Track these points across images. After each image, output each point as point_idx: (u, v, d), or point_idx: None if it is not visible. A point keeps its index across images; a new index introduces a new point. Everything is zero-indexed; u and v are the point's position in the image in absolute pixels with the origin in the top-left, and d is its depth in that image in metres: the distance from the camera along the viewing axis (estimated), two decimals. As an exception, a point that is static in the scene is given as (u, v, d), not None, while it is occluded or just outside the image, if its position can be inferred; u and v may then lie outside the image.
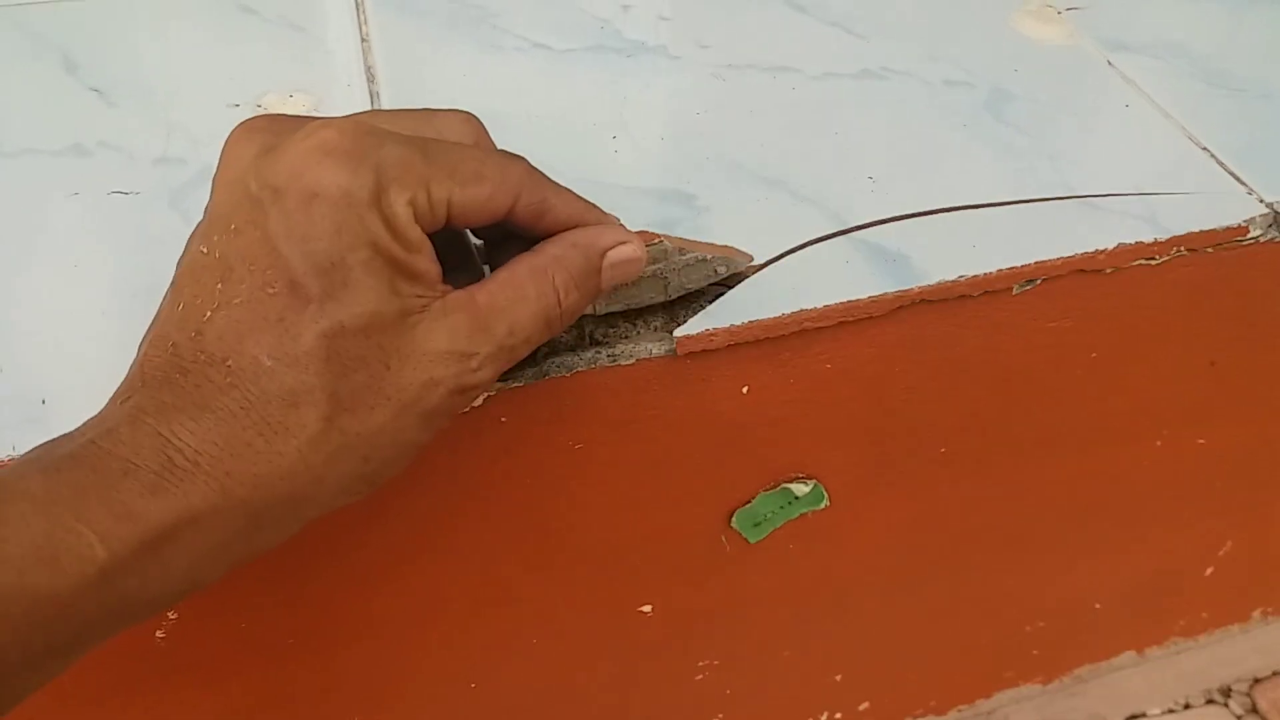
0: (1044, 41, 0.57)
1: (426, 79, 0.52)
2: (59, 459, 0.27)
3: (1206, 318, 0.51)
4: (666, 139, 0.49)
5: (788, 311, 0.41)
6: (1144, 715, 0.86)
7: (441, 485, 0.42)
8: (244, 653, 0.45)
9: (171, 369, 0.29)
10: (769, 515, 0.50)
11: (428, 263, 0.30)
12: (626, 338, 0.41)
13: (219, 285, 0.29)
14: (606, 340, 0.40)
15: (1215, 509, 0.67)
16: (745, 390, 0.44)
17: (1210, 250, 0.46)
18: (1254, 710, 0.87)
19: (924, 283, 0.43)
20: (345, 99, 0.50)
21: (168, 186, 0.45)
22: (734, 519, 0.50)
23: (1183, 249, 0.46)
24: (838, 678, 0.67)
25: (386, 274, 0.29)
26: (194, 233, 0.32)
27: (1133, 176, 0.48)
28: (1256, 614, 0.82)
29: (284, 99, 0.50)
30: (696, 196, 0.46)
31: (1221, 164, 0.49)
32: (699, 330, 0.41)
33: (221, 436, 0.28)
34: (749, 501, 0.49)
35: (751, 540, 0.51)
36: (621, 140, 0.49)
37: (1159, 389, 0.54)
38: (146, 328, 0.32)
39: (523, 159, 0.34)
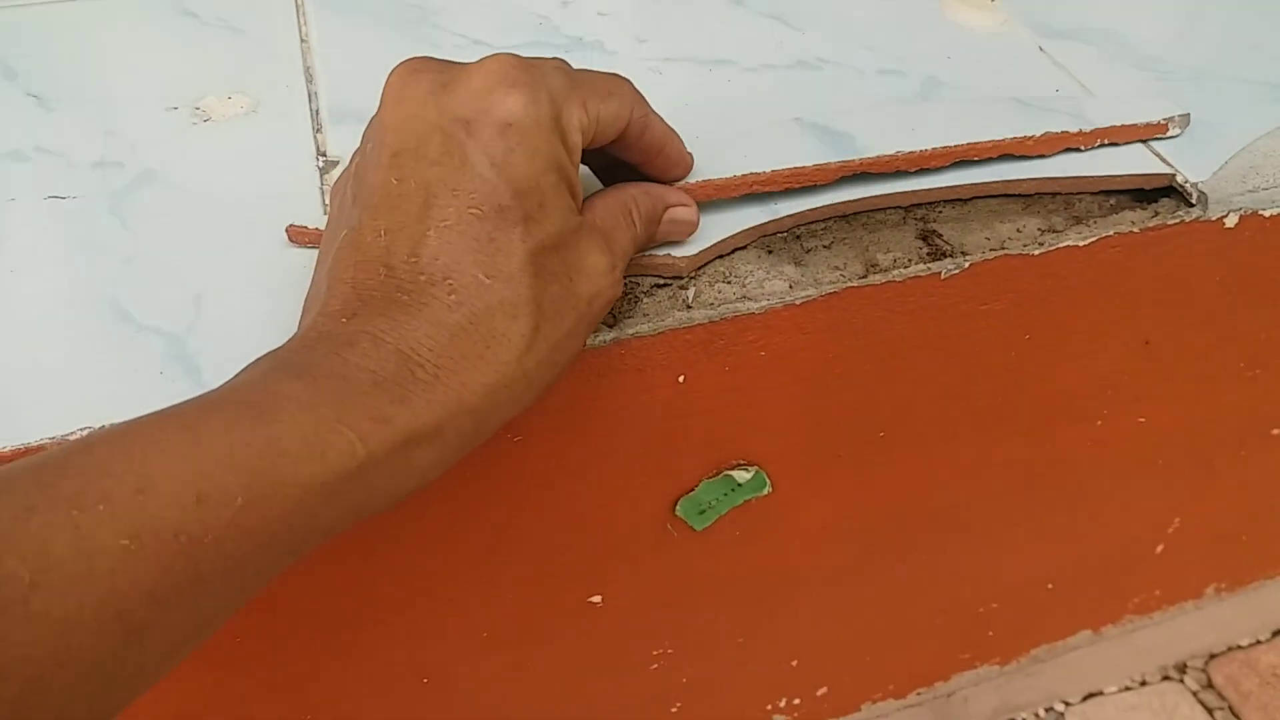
0: (976, 29, 0.58)
1: (365, 79, 0.52)
2: (311, 368, 0.30)
3: (1138, 299, 0.52)
4: (602, 133, 0.50)
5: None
6: (1101, 693, 0.87)
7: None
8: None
9: (392, 289, 0.31)
10: (713, 503, 0.51)
11: (578, 179, 0.35)
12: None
13: (425, 211, 0.32)
14: (540, 332, 0.41)
15: (1161, 487, 0.68)
16: (681, 379, 0.44)
17: (1135, 231, 0.47)
18: (1209, 686, 0.88)
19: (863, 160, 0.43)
20: (284, 100, 0.51)
21: (106, 190, 0.45)
22: (678, 507, 0.50)
23: (1106, 141, 0.49)
24: (794, 663, 0.67)
25: (566, 193, 0.34)
26: (364, 165, 0.34)
27: (1059, 160, 0.49)
28: (1210, 590, 0.84)
29: (222, 100, 0.50)
30: (631, 189, 0.46)
31: (1149, 147, 0.50)
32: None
33: (456, 350, 0.31)
34: (692, 489, 0.50)
35: (697, 528, 0.52)
36: (558, 135, 0.49)
37: (1096, 369, 0.55)
38: (322, 254, 0.35)
39: (628, 79, 0.38)
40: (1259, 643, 0.92)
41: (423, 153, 0.32)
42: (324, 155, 0.47)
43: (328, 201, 0.39)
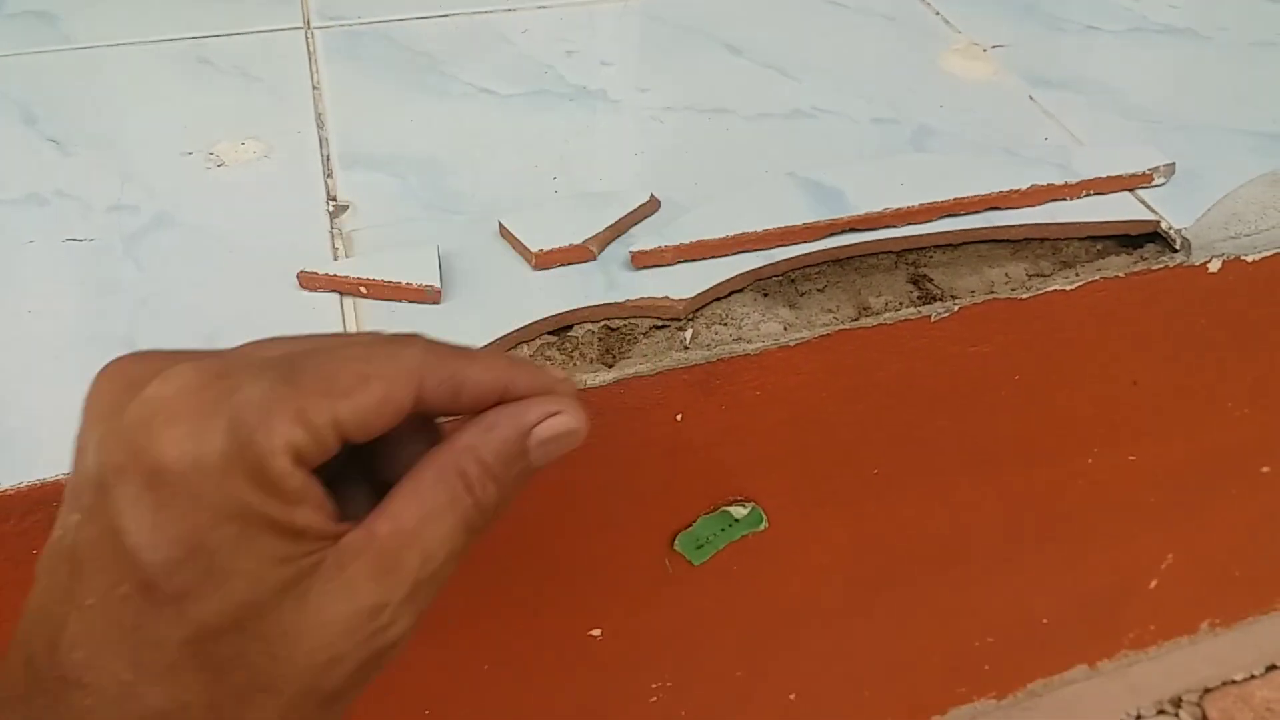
0: (969, 79, 0.60)
1: (375, 125, 0.54)
2: None
3: (1125, 341, 0.53)
4: (605, 179, 0.51)
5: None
6: (1097, 728, 0.88)
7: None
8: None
9: (31, 688, 0.25)
10: (710, 538, 0.52)
11: (313, 510, 0.25)
12: (563, 369, 0.42)
13: (72, 585, 0.24)
14: (542, 373, 0.42)
15: (1153, 524, 0.69)
16: (679, 417, 0.46)
17: (1121, 276, 0.49)
18: (1204, 719, 0.89)
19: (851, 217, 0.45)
20: (296, 145, 0.52)
21: (121, 233, 0.47)
22: (676, 542, 0.51)
23: (1091, 192, 0.50)
24: (791, 697, 0.68)
25: (260, 544, 0.24)
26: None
27: (1047, 208, 0.50)
28: (1204, 625, 0.85)
29: (236, 146, 0.52)
30: (631, 235, 0.48)
31: (1135, 194, 0.51)
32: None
33: None
34: (690, 525, 0.51)
35: (695, 562, 0.53)
36: (561, 181, 0.51)
37: (1085, 409, 0.56)
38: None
39: (418, 337, 0.28)
40: (1253, 677, 0.92)
41: (76, 504, 0.25)
42: (334, 200, 0.49)
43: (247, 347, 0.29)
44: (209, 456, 0.23)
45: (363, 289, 0.43)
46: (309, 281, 0.44)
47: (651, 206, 0.49)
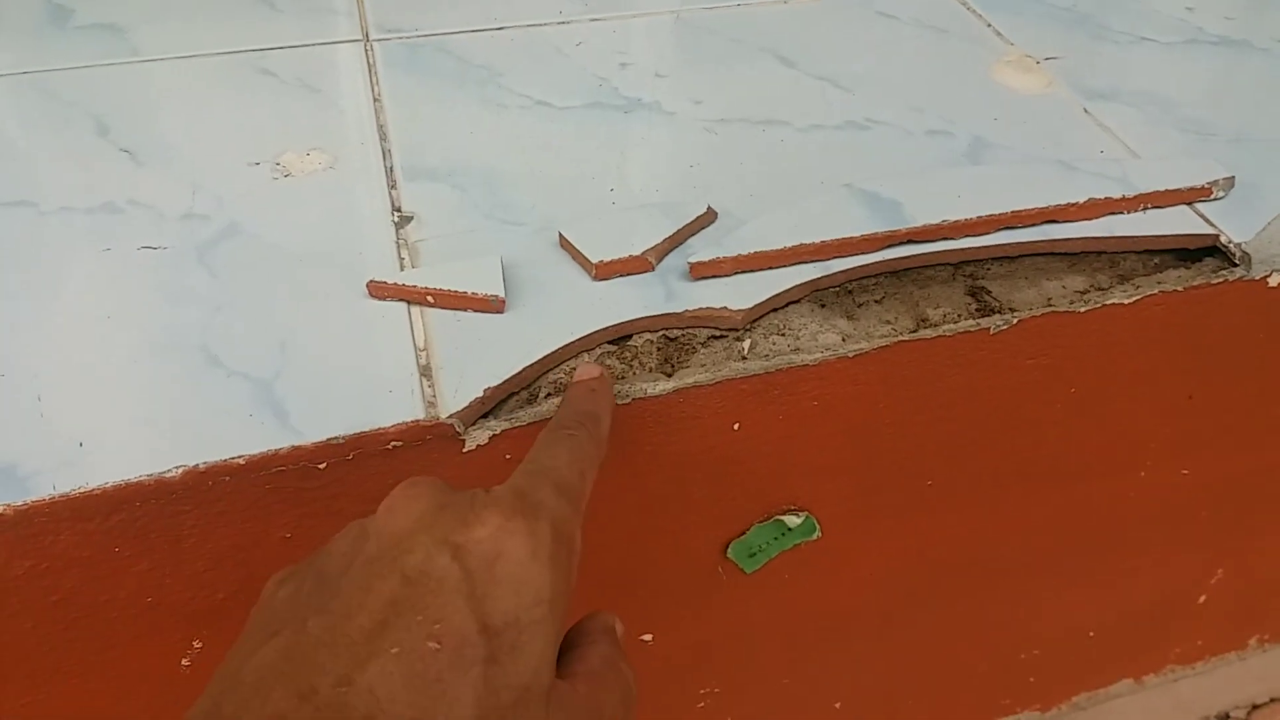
0: (1022, 90, 0.60)
1: (435, 137, 0.55)
2: None
3: (1181, 355, 0.53)
4: (661, 191, 0.52)
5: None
6: (1143, 743, 0.87)
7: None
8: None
9: (311, 716, 0.26)
10: (763, 546, 0.52)
11: (567, 608, 0.31)
12: (622, 378, 0.43)
13: (379, 631, 0.27)
14: (604, 382, 0.43)
15: (1204, 539, 0.69)
16: (736, 427, 0.46)
17: (1179, 290, 0.49)
18: (1252, 737, 0.88)
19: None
20: (359, 156, 0.53)
21: (194, 242, 0.48)
22: (729, 550, 0.52)
23: (1149, 206, 0.50)
24: (837, 705, 0.68)
25: (549, 637, 0.30)
26: (331, 561, 0.31)
27: (1105, 221, 0.50)
28: (1253, 641, 0.84)
29: (301, 156, 0.53)
30: (689, 246, 0.48)
31: (1193, 208, 0.51)
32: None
33: None
34: (743, 533, 0.51)
35: (747, 571, 0.53)
36: (619, 193, 0.52)
37: (1139, 423, 0.56)
38: (247, 638, 0.30)
39: (582, 429, 0.37)
40: (1303, 695, 0.91)
41: (399, 566, 0.29)
42: (399, 210, 0.50)
43: (267, 585, 0.33)
44: (541, 550, 0.30)
45: (430, 298, 0.44)
46: (378, 291, 0.45)
47: (709, 218, 0.50)
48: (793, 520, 0.52)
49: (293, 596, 0.31)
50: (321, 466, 0.39)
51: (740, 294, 0.46)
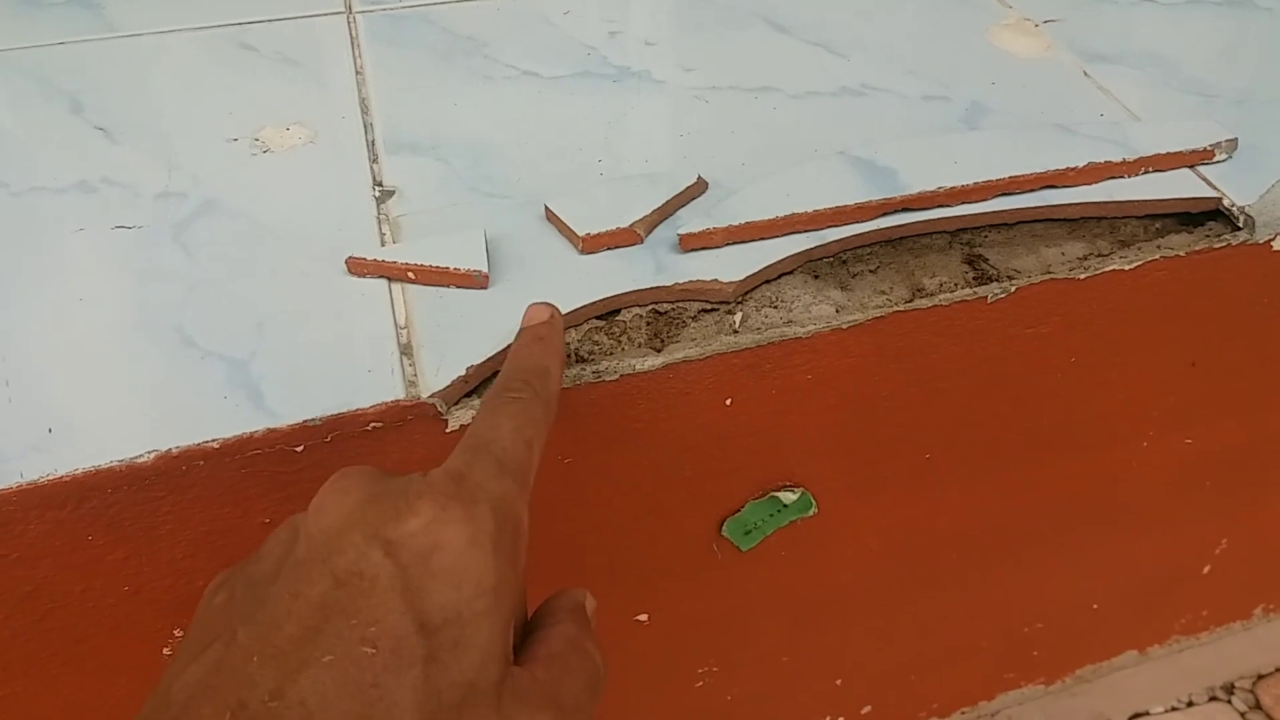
0: (1021, 54, 0.59)
1: (419, 110, 0.54)
2: None
3: (1183, 321, 0.52)
4: (650, 161, 0.51)
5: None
6: (1147, 713, 0.87)
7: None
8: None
9: None
10: (759, 523, 0.51)
11: (522, 583, 0.30)
12: (611, 354, 0.42)
13: (310, 639, 0.26)
14: (591, 357, 0.42)
15: (1208, 508, 0.68)
16: (729, 402, 0.45)
17: (1181, 255, 0.48)
18: (1257, 706, 0.87)
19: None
20: (341, 130, 0.52)
21: (169, 220, 0.47)
22: (724, 527, 0.51)
23: (1150, 169, 0.49)
24: (838, 682, 0.68)
25: (496, 626, 0.28)
26: (261, 568, 0.30)
27: (1104, 185, 0.49)
28: (1258, 611, 0.83)
29: (281, 131, 0.52)
30: (679, 217, 0.47)
31: (1195, 170, 0.50)
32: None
33: None
34: (738, 510, 0.51)
35: (743, 548, 0.52)
36: (607, 164, 0.50)
37: (1141, 391, 0.55)
38: (181, 653, 0.29)
39: (527, 387, 0.34)
40: (1309, 664, 0.91)
41: (330, 568, 0.28)
42: (380, 185, 0.49)
43: (205, 591, 0.32)
44: (482, 535, 0.28)
45: (411, 274, 0.43)
46: (357, 267, 0.43)
47: (699, 188, 0.48)
48: (788, 496, 0.51)
49: (225, 605, 0.30)
50: (299, 449, 0.38)
51: (731, 266, 0.45)
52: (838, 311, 0.44)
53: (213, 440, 0.37)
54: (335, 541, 0.28)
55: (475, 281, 0.43)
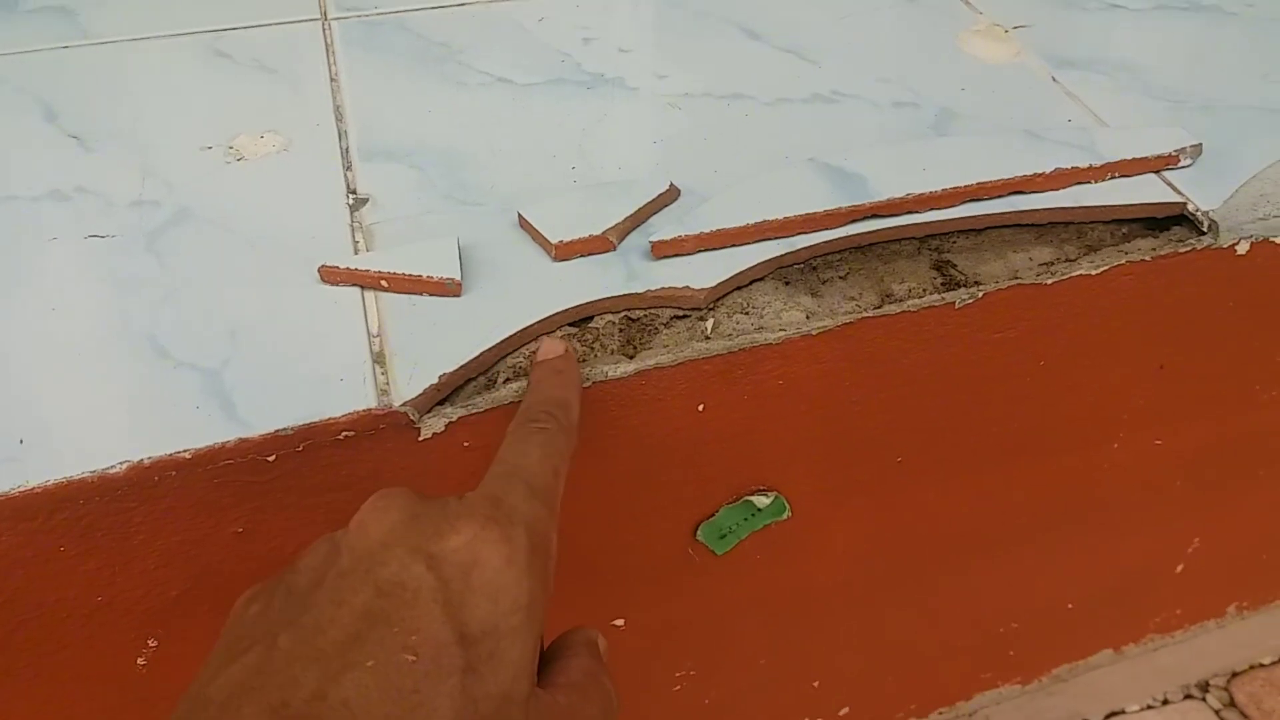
0: (991, 60, 0.59)
1: (393, 116, 0.54)
2: None
3: (1151, 325, 0.53)
4: (623, 168, 0.51)
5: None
6: (1123, 712, 0.87)
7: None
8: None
9: None
10: (733, 527, 0.52)
11: (545, 602, 0.31)
12: (584, 360, 0.42)
13: (352, 644, 0.27)
14: (563, 365, 0.42)
15: (1179, 508, 0.69)
16: (701, 408, 0.45)
17: (1147, 259, 0.48)
18: (1232, 704, 0.88)
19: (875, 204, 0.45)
20: (315, 138, 0.52)
21: (143, 229, 0.47)
22: (699, 532, 0.51)
23: (1116, 175, 0.50)
24: (815, 684, 0.68)
25: (528, 644, 0.29)
26: (302, 577, 0.31)
27: (1072, 191, 0.49)
28: (1231, 609, 0.84)
29: (255, 139, 0.52)
30: (651, 224, 0.47)
31: (1161, 176, 0.51)
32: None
33: None
34: (713, 515, 0.51)
35: (718, 552, 0.53)
36: (580, 170, 0.51)
37: (1110, 394, 0.56)
38: (219, 655, 0.29)
39: (552, 419, 0.36)
40: (1281, 661, 0.92)
41: (373, 578, 0.29)
42: (354, 193, 0.49)
43: (236, 604, 0.32)
44: (518, 555, 0.30)
45: (384, 282, 0.43)
46: (330, 275, 0.44)
47: (671, 195, 0.49)
48: (762, 501, 0.51)
49: (262, 614, 0.30)
50: (270, 459, 0.38)
51: (703, 273, 0.45)
52: (808, 318, 0.44)
53: (185, 450, 0.37)
54: (379, 554, 0.29)
55: (448, 289, 0.43)
